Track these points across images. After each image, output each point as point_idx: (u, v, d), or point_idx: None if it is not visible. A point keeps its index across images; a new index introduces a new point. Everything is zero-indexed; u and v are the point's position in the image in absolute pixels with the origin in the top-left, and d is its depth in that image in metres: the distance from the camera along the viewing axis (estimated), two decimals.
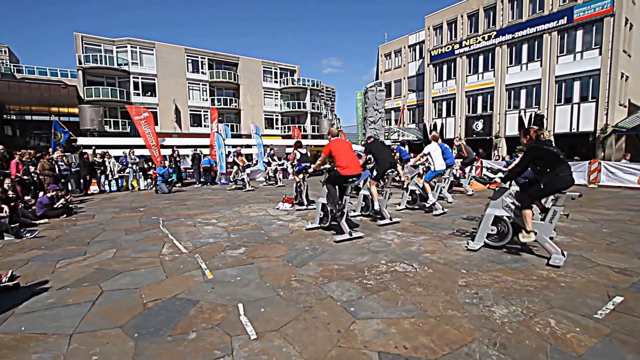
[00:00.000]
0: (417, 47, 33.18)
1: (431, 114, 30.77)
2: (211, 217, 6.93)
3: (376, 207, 6.02)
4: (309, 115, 36.41)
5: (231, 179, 12.19)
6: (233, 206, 8.29)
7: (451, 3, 28.44)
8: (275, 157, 14.06)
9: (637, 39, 21.96)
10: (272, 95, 35.83)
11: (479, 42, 26.40)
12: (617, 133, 20.00)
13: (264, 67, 35.49)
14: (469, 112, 28.09)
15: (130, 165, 12.27)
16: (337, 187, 5.13)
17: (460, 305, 2.90)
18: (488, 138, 26.45)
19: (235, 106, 33.43)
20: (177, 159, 13.45)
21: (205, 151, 14.92)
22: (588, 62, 20.93)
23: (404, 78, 34.79)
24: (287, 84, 35.89)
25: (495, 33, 25.30)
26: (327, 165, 5.60)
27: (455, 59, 28.30)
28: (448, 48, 28.59)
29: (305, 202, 7.66)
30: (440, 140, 7.68)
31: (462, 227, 5.77)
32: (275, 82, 36.03)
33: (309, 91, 36.17)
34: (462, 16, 27.42)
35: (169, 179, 11.45)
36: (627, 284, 3.35)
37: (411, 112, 34.98)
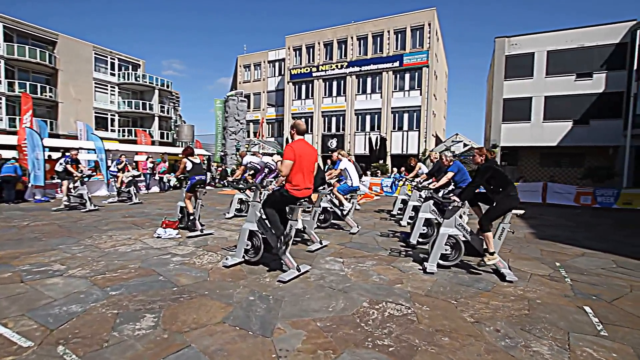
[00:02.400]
0: (277, 64, 34.04)
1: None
2: (49, 259, 4.27)
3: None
4: (156, 118, 31.11)
5: (62, 195, 8.49)
6: (80, 237, 5.54)
7: (310, 29, 30.67)
8: (129, 166, 10.85)
9: (439, 86, 29.38)
10: (107, 89, 28.70)
11: (333, 69, 29.33)
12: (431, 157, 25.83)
13: (96, 53, 28.13)
14: (324, 130, 30.56)
15: None
16: (279, 210, 3.92)
17: (505, 352, 2.41)
18: None
19: (51, 96, 24.90)
20: None
21: (6, 154, 10.08)
22: (413, 99, 26.39)
23: (264, 92, 34.93)
24: (128, 79, 29.63)
25: (346, 64, 28.68)
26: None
27: (313, 80, 30.42)
28: (307, 70, 30.49)
29: (199, 227, 5.89)
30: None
31: (389, 245, 5.57)
32: (112, 74, 29.11)
33: (157, 91, 31.02)
34: (319, 43, 29.88)
35: None
36: (569, 290, 3.72)
37: (270, 125, 35.32)
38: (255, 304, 3.08)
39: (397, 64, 26.60)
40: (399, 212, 8.91)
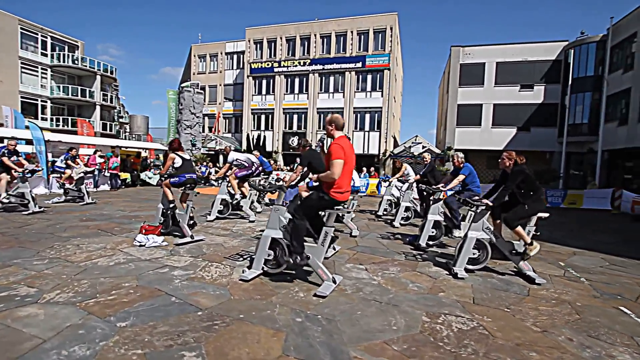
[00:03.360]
0: (236, 56, 32.55)
1: (250, 126, 30.70)
2: (7, 279, 3.32)
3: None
4: (97, 107, 27.73)
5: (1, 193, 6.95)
6: (37, 247, 4.50)
7: (270, 22, 29.79)
8: (78, 160, 9.35)
9: (397, 88, 30.41)
10: (36, 71, 24.76)
11: (296, 65, 28.81)
12: (391, 157, 26.63)
13: (22, 28, 24.05)
14: (285, 127, 29.92)
15: None
16: (313, 217, 3.48)
17: None
18: None
19: None
20: None
21: None
22: (374, 100, 26.95)
23: (220, 85, 33.18)
24: (63, 61, 25.88)
25: (309, 61, 28.34)
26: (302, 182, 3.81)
27: (274, 76, 29.58)
28: (268, 64, 29.56)
29: (189, 232, 5.14)
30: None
31: (397, 248, 5.39)
32: (44, 54, 25.16)
33: (99, 77, 27.64)
34: (281, 38, 29.12)
35: None
36: (592, 291, 3.83)
37: (227, 120, 33.71)
38: (308, 327, 2.63)
39: (359, 64, 26.92)
40: (384, 212, 8.84)
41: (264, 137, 28.03)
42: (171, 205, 5.17)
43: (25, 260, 3.98)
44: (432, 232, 5.48)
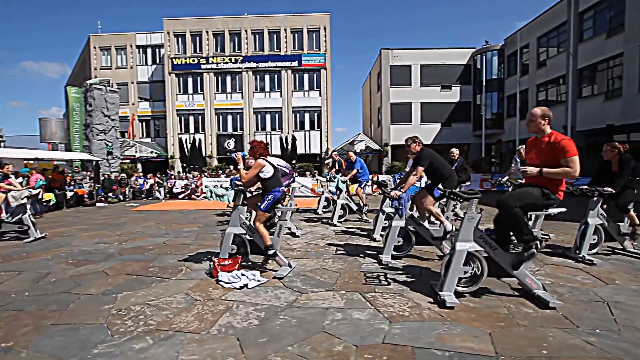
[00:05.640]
0: (150, 50, 28.56)
1: (176, 129, 27.39)
2: None
3: (448, 227, 4.33)
4: None
5: None
6: (98, 321, 2.96)
7: (193, 14, 26.99)
8: (12, 180, 6.71)
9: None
10: None
11: (226, 62, 26.80)
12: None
13: None
14: (219, 130, 27.65)
15: None
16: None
17: None
18: None
19: None
20: None
21: None
22: (313, 99, 26.94)
23: (132, 82, 28.71)
24: None
25: (241, 58, 26.68)
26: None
27: (202, 73, 26.97)
28: (193, 60, 26.78)
29: (286, 261, 4.13)
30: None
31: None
32: None
33: None
34: (207, 32, 26.66)
35: None
36: None
37: (144, 124, 29.43)
38: (628, 350, 2.30)
39: (295, 63, 26.54)
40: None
41: (199, 140, 25.28)
42: (270, 252, 4.03)
43: (114, 346, 2.55)
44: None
